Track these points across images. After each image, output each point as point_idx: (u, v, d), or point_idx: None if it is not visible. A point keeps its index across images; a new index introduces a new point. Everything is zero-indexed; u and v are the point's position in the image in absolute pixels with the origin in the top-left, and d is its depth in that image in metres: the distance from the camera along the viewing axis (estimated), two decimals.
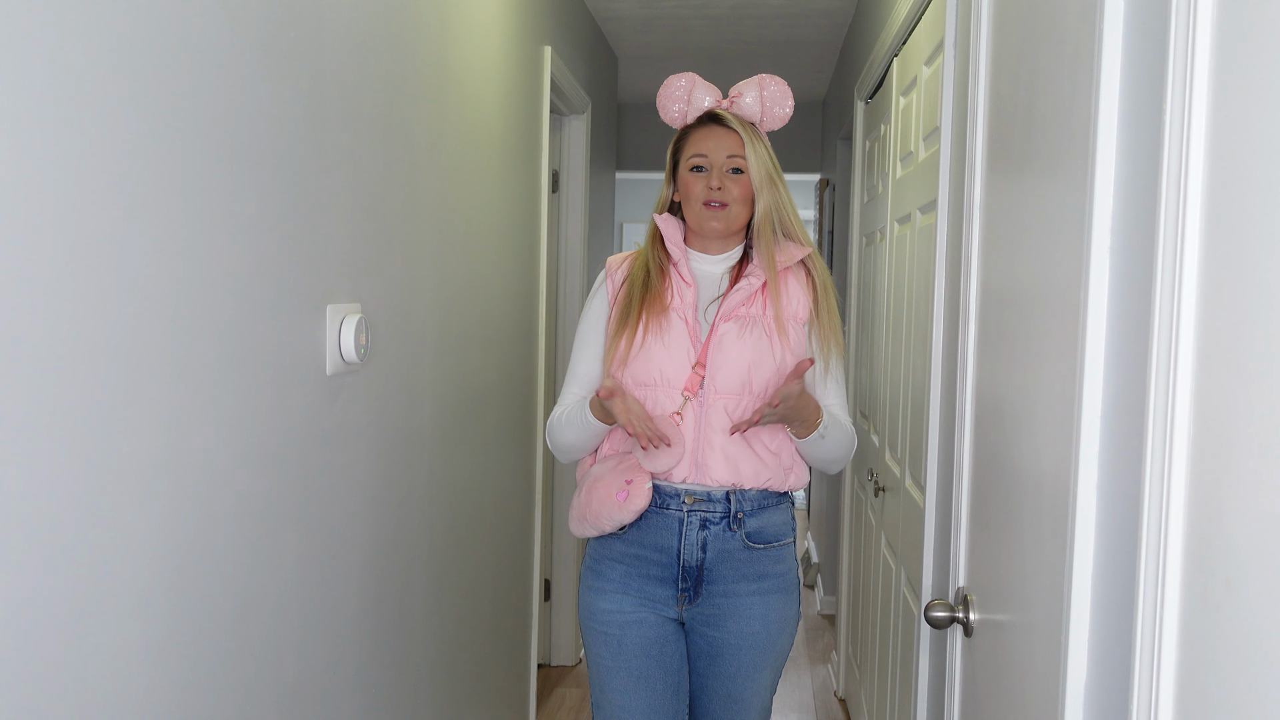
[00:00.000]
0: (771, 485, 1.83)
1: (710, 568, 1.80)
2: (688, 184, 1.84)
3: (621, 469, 1.79)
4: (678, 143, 1.89)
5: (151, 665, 1.11)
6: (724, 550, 1.80)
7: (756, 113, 1.85)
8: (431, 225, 1.99)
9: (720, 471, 1.78)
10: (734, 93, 1.86)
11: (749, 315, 1.81)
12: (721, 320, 1.81)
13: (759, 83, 1.85)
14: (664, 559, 1.81)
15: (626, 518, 1.78)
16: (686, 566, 1.80)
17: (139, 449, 1.07)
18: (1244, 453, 0.69)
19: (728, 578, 1.81)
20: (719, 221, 1.82)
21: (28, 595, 0.93)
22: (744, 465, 1.79)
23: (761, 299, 1.83)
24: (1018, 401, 1.25)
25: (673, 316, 1.81)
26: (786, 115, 1.87)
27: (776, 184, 1.84)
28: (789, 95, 1.86)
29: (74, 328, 0.97)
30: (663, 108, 1.88)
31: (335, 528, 1.57)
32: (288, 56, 1.38)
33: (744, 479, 1.80)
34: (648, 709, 1.82)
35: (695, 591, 1.81)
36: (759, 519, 1.82)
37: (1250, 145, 0.71)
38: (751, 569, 1.82)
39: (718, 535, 1.80)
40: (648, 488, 1.77)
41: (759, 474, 1.81)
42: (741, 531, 1.80)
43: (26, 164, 0.91)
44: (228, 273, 1.24)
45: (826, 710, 3.69)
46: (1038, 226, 1.19)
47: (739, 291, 1.82)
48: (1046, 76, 1.17)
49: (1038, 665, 1.11)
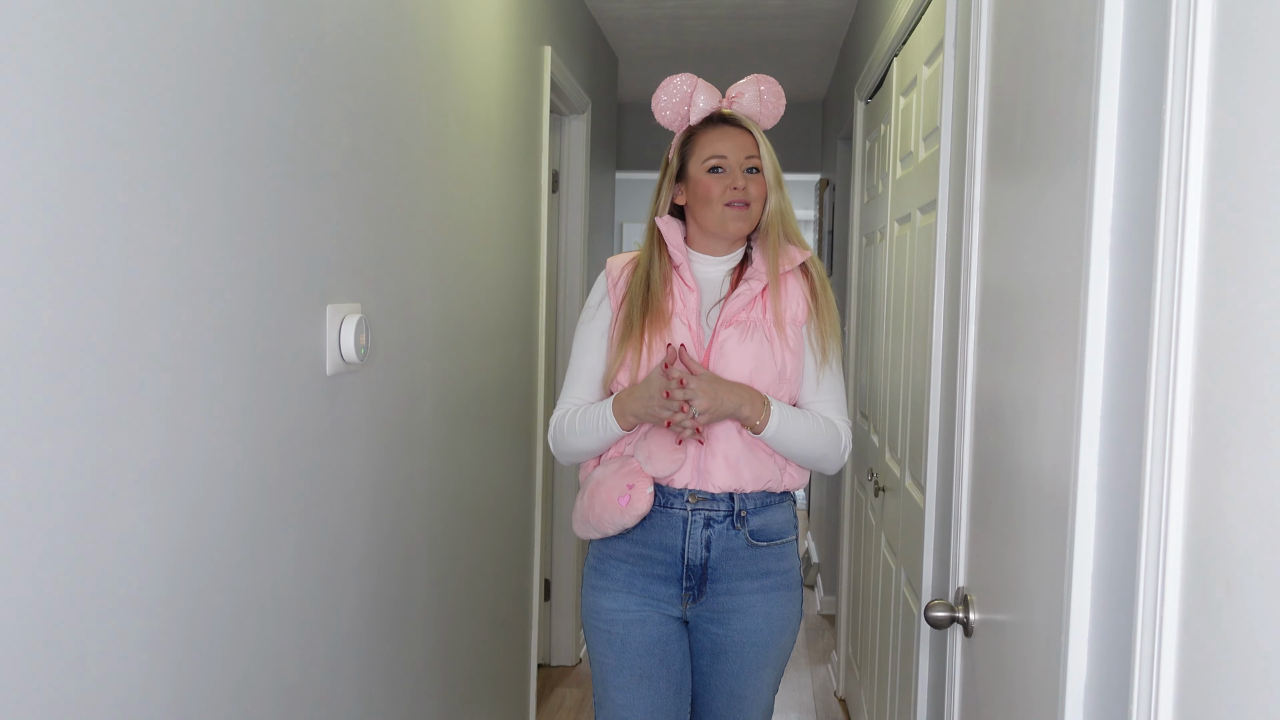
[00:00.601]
0: (770, 486, 1.83)
1: (714, 566, 1.81)
2: (706, 186, 1.82)
3: (624, 473, 1.79)
4: (685, 144, 1.86)
5: (151, 665, 1.11)
6: (728, 548, 1.81)
7: (756, 112, 1.86)
8: (431, 225, 1.99)
9: (722, 477, 1.79)
10: (733, 93, 1.86)
11: (750, 320, 1.81)
12: (723, 326, 1.80)
13: (755, 82, 1.85)
14: (668, 558, 1.81)
15: (628, 522, 1.78)
16: (691, 565, 1.81)
17: (138, 448, 1.07)
18: (1244, 453, 0.69)
19: (731, 575, 1.81)
20: (743, 222, 1.81)
21: (27, 595, 0.93)
22: (745, 469, 1.80)
23: (762, 303, 1.82)
24: (1018, 401, 1.25)
25: (675, 323, 1.81)
26: (779, 114, 1.88)
27: (781, 185, 1.85)
28: (781, 94, 1.88)
29: (74, 327, 0.97)
30: (659, 108, 1.86)
31: (335, 527, 1.57)
32: (287, 56, 1.38)
33: (745, 483, 1.80)
34: (651, 708, 1.82)
35: (699, 590, 1.82)
36: (762, 517, 1.82)
37: (1250, 145, 0.71)
38: (755, 566, 1.82)
39: (721, 533, 1.80)
40: (649, 492, 1.77)
41: (759, 476, 1.81)
42: (745, 529, 1.81)
43: (26, 164, 0.91)
44: (227, 272, 1.24)
45: (826, 710, 3.69)
46: (1038, 226, 1.18)
47: (739, 297, 1.81)
48: (1046, 76, 1.17)
49: (1038, 665, 1.11)
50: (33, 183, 0.92)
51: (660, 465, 1.76)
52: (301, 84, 1.42)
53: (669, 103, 1.85)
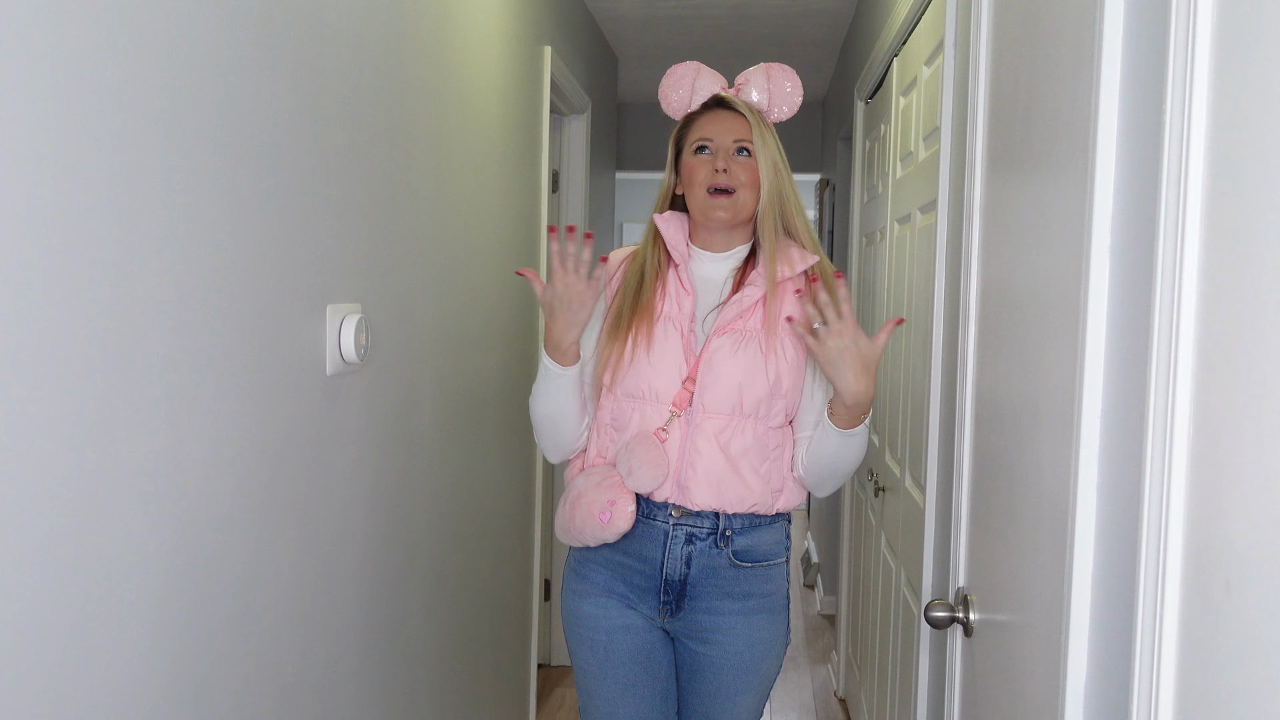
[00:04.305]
0: (758, 509, 1.72)
1: (693, 583, 1.72)
2: (691, 168, 1.72)
3: (605, 486, 1.71)
4: (681, 130, 1.78)
5: (151, 665, 1.11)
6: (708, 567, 1.72)
7: (764, 101, 1.76)
8: (431, 225, 1.99)
9: (703, 495, 1.69)
10: (740, 80, 1.78)
11: (745, 329, 1.70)
12: (715, 335, 1.70)
13: (766, 71, 1.76)
14: (648, 569, 1.74)
15: (609, 537, 1.71)
16: (669, 580, 1.73)
17: (139, 449, 1.07)
18: (1244, 453, 0.69)
19: (710, 594, 1.73)
20: (725, 210, 1.70)
21: (28, 595, 0.93)
22: (728, 490, 1.69)
23: (761, 311, 1.71)
24: (1018, 401, 1.25)
25: (667, 327, 1.71)
26: (794, 106, 1.77)
27: (782, 173, 1.72)
28: (798, 85, 1.77)
29: (73, 328, 0.97)
30: (664, 96, 1.78)
31: (335, 528, 1.57)
32: (287, 56, 1.38)
33: (727, 504, 1.70)
34: (636, 716, 1.76)
35: (677, 605, 1.74)
36: (749, 537, 1.73)
37: (1250, 145, 0.70)
38: (737, 587, 1.73)
39: (703, 551, 1.71)
40: (630, 510, 1.69)
41: (744, 499, 1.70)
42: (729, 549, 1.72)
43: (25, 164, 0.91)
44: (228, 272, 1.24)
45: (826, 710, 3.69)
46: (1037, 226, 1.18)
47: (734, 304, 1.71)
48: (1046, 76, 1.17)
49: (1038, 665, 1.11)
50: (32, 183, 0.92)
51: (642, 479, 1.68)
52: (301, 84, 1.42)
53: (673, 90, 1.78)
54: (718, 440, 1.69)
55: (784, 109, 1.77)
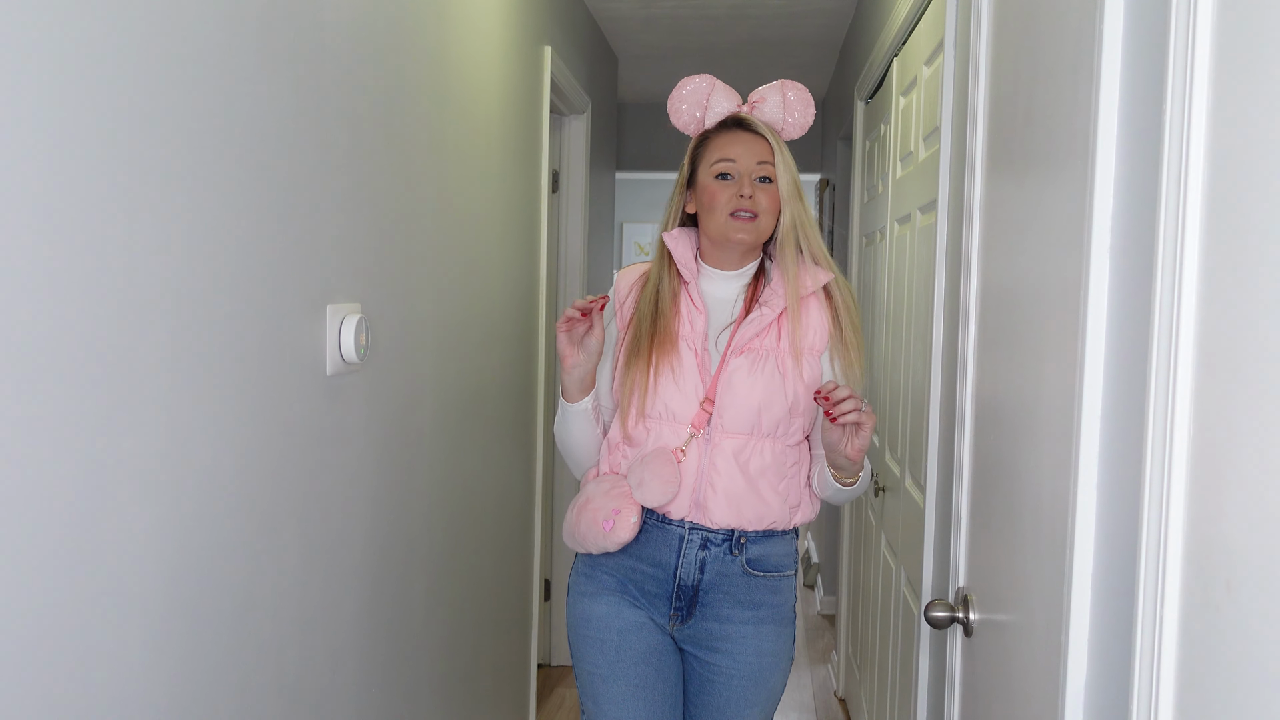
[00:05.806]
0: (776, 525, 1.73)
1: (706, 589, 1.72)
2: (712, 192, 1.70)
3: (613, 495, 1.70)
4: (697, 148, 1.76)
5: (151, 664, 1.11)
6: (722, 573, 1.71)
7: (779, 120, 1.74)
8: (432, 225, 1.99)
9: (721, 514, 1.69)
10: (755, 98, 1.75)
11: (762, 349, 1.69)
12: (733, 355, 1.69)
13: (781, 88, 1.74)
14: (660, 574, 1.72)
15: (609, 546, 1.70)
16: (682, 585, 1.72)
17: (139, 448, 1.07)
18: (1244, 454, 0.69)
19: (722, 602, 1.72)
20: (747, 234, 1.69)
21: (28, 594, 0.93)
22: (747, 509, 1.69)
23: (777, 329, 1.70)
24: (1018, 401, 1.25)
25: (682, 347, 1.71)
26: (807, 125, 1.76)
27: (801, 198, 1.72)
28: (811, 104, 1.75)
29: (74, 327, 0.97)
30: (675, 110, 1.75)
31: (335, 528, 1.58)
32: (287, 56, 1.38)
33: (746, 522, 1.70)
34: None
35: (688, 612, 1.74)
36: (762, 546, 1.73)
37: (1250, 145, 0.70)
38: (748, 596, 1.73)
39: (717, 557, 1.71)
40: (634, 522, 1.68)
41: (763, 517, 1.71)
42: (743, 556, 1.72)
43: (26, 164, 0.91)
44: (228, 272, 1.24)
45: (826, 710, 3.69)
46: (1038, 226, 1.18)
47: (752, 323, 1.69)
48: (1046, 76, 1.17)
49: (1038, 665, 1.11)
50: (32, 183, 0.92)
51: (651, 493, 1.67)
52: (301, 84, 1.42)
53: (685, 104, 1.75)
54: (736, 460, 1.69)
55: (797, 128, 1.76)
